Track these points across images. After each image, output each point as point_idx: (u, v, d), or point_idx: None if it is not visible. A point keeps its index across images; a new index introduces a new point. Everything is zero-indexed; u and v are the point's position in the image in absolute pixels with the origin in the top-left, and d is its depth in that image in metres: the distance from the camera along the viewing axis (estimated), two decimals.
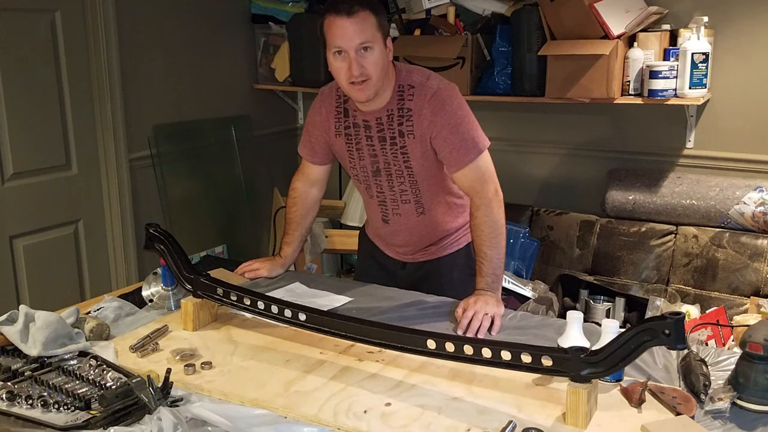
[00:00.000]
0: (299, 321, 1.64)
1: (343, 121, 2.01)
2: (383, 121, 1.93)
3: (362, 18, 1.78)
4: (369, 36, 1.79)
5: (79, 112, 3.00)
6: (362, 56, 1.80)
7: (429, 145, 1.91)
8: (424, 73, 1.94)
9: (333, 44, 1.81)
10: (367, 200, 2.16)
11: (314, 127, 2.10)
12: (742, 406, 1.37)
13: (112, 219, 3.17)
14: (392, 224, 2.10)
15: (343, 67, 1.81)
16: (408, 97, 1.90)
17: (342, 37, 1.79)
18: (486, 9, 3.32)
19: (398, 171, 1.98)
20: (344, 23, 1.78)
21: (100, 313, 1.85)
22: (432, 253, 2.14)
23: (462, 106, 1.90)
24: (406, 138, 1.92)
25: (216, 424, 1.33)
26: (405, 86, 1.90)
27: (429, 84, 1.89)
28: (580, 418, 1.32)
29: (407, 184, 2.00)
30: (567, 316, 1.54)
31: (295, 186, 2.20)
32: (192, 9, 3.42)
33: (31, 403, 1.41)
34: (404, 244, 2.15)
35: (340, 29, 1.78)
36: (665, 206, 3.03)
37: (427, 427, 1.33)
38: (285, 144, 4.10)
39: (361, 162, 2.02)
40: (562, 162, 3.44)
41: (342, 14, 1.77)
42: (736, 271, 2.85)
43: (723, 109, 3.07)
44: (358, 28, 1.78)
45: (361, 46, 1.79)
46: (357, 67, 1.80)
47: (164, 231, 1.85)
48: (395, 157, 1.96)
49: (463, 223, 2.12)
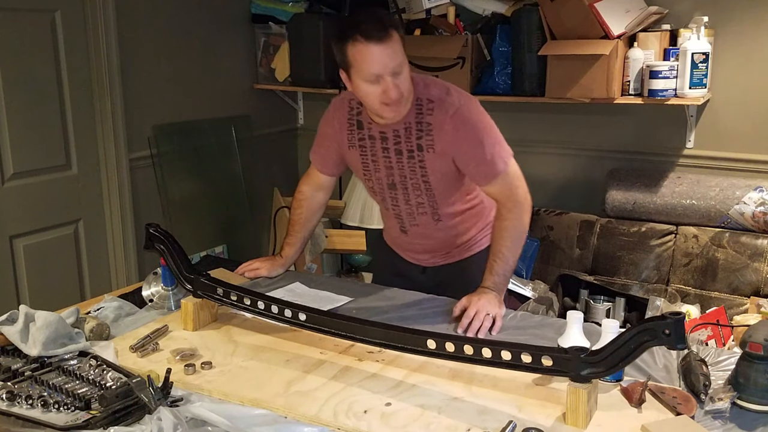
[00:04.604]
0: (299, 321, 1.65)
1: (357, 134, 1.97)
2: (400, 133, 1.89)
3: (393, 40, 1.73)
4: (400, 57, 1.75)
5: (79, 112, 3.00)
6: (396, 78, 1.75)
7: (451, 160, 1.89)
8: (442, 86, 1.89)
9: (368, 72, 1.74)
10: (383, 211, 2.14)
11: (325, 139, 2.07)
12: (742, 406, 1.38)
13: (112, 219, 3.17)
14: (411, 235, 2.08)
15: (378, 91, 1.76)
16: (427, 112, 1.86)
17: (378, 64, 1.72)
18: (486, 9, 3.32)
19: (415, 184, 1.95)
20: (377, 50, 1.71)
21: (100, 313, 1.85)
22: (453, 255, 2.12)
23: (484, 119, 1.88)
24: (425, 152, 1.88)
25: (216, 424, 1.33)
26: (423, 100, 1.86)
27: (449, 99, 1.85)
28: (580, 418, 1.32)
29: (424, 197, 1.97)
30: (567, 316, 1.54)
31: (302, 189, 2.19)
32: (192, 9, 3.42)
33: (31, 403, 1.41)
34: (423, 251, 2.13)
35: (374, 56, 1.72)
36: (665, 206, 3.03)
37: (427, 427, 1.33)
38: (285, 144, 4.11)
39: (376, 174, 1.99)
40: (562, 162, 3.44)
41: (373, 41, 1.71)
42: (736, 271, 2.85)
43: (723, 109, 3.07)
44: (391, 52, 1.73)
45: (396, 69, 1.75)
46: (396, 91, 1.75)
47: (164, 231, 1.84)
48: (413, 170, 1.92)
49: (483, 226, 2.10)
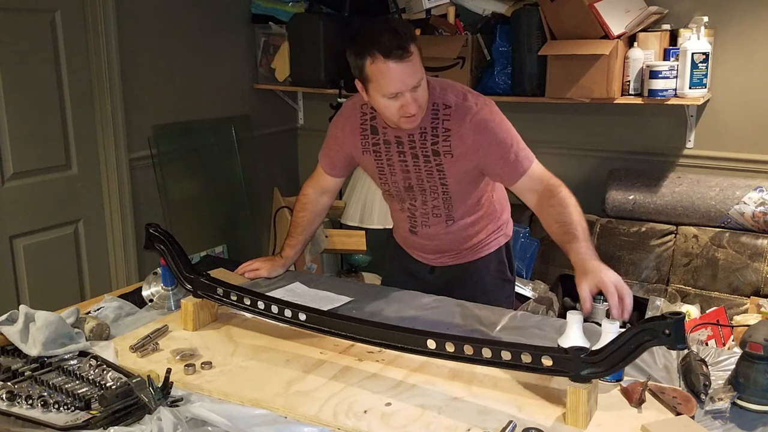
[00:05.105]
0: (299, 321, 1.64)
1: (371, 138, 1.96)
2: (415, 138, 1.88)
3: (413, 57, 1.71)
4: (420, 73, 1.74)
5: (79, 112, 3.00)
6: (415, 92, 1.74)
7: (471, 165, 1.88)
8: (458, 91, 1.88)
9: (388, 90, 1.73)
10: (395, 211, 2.13)
11: (335, 142, 2.06)
12: (742, 406, 1.38)
13: (112, 219, 3.17)
14: (420, 235, 2.08)
15: (396, 105, 1.75)
16: (444, 117, 1.85)
17: (399, 83, 1.71)
18: (486, 9, 3.32)
19: (432, 188, 1.94)
20: (398, 69, 1.69)
21: (100, 313, 1.85)
22: (462, 257, 2.11)
23: (503, 122, 1.87)
24: (442, 157, 1.88)
25: (216, 424, 1.33)
26: (440, 105, 1.86)
27: (467, 105, 1.84)
28: (580, 418, 1.32)
29: (440, 200, 1.97)
30: (567, 316, 1.54)
31: (306, 191, 2.18)
32: (192, 9, 3.42)
33: (31, 403, 1.41)
34: (432, 251, 2.12)
35: (394, 75, 1.70)
36: (665, 206, 3.03)
37: (427, 427, 1.33)
38: (285, 144, 4.11)
39: (392, 177, 1.99)
40: (562, 162, 3.43)
41: (394, 59, 1.68)
42: (736, 271, 2.85)
43: (723, 109, 3.07)
44: (411, 71, 1.71)
45: (416, 84, 1.74)
46: (414, 106, 1.75)
47: (164, 231, 1.84)
48: (430, 174, 1.92)
49: (494, 229, 2.10)
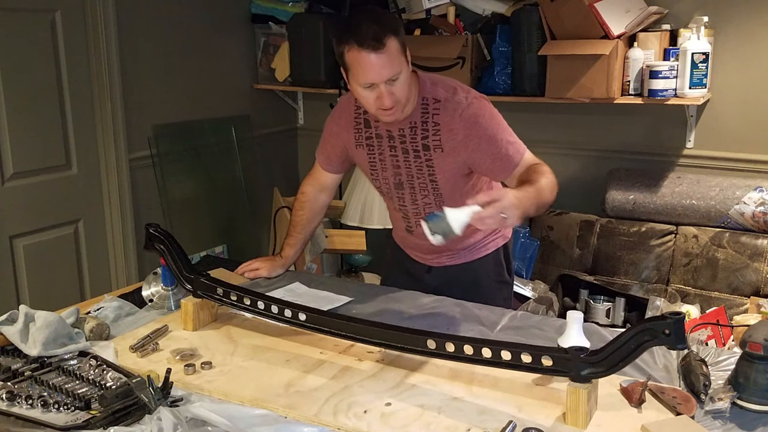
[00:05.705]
0: (299, 321, 1.64)
1: (364, 132, 1.97)
2: (405, 132, 1.89)
3: (389, 49, 1.69)
4: (397, 66, 1.72)
5: (79, 112, 3.00)
6: (392, 85, 1.73)
7: (461, 160, 1.87)
8: (449, 86, 1.87)
9: (362, 80, 1.73)
10: (392, 210, 2.13)
11: (331, 136, 2.07)
12: (742, 406, 1.37)
13: (112, 219, 3.17)
14: (416, 234, 2.06)
15: (373, 96, 1.76)
16: (434, 111, 1.85)
17: (372, 73, 1.71)
18: (486, 9, 3.32)
19: (422, 184, 1.94)
20: (372, 59, 1.69)
21: (100, 313, 1.85)
22: (459, 257, 2.10)
23: (494, 116, 1.85)
24: (432, 152, 1.87)
25: (216, 424, 1.33)
26: (430, 99, 1.85)
27: (457, 99, 1.84)
28: (580, 418, 1.32)
29: (431, 197, 1.96)
30: (567, 316, 1.54)
31: (304, 190, 2.18)
32: (192, 9, 3.42)
33: (31, 403, 1.41)
34: (429, 251, 2.12)
35: (368, 66, 1.70)
36: (665, 206, 3.03)
37: (427, 427, 1.33)
38: (285, 144, 4.11)
39: (383, 173, 1.99)
40: (562, 162, 3.43)
41: (368, 50, 1.68)
42: (736, 271, 2.85)
43: (723, 109, 3.07)
44: (386, 62, 1.70)
45: (392, 77, 1.73)
46: (389, 99, 1.74)
47: (164, 231, 1.84)
48: (420, 170, 1.91)
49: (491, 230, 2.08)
